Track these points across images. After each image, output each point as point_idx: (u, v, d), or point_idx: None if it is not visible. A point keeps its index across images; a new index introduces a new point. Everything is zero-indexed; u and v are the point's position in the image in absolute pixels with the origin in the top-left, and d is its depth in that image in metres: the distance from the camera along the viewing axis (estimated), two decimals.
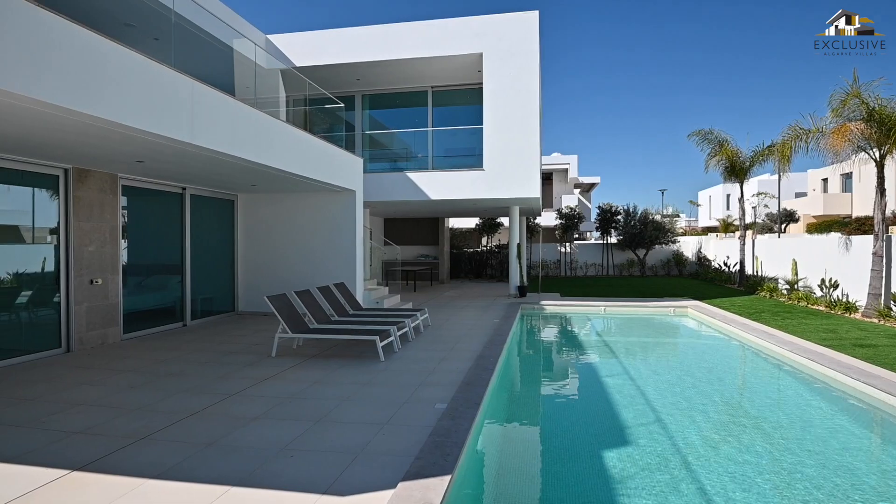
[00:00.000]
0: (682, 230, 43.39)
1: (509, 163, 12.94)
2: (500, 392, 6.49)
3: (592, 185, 36.60)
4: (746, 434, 5.10)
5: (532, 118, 12.81)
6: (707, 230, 37.50)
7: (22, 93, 4.06)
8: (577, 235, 35.08)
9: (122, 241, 8.61)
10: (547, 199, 31.55)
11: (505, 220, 23.92)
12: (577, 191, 40.03)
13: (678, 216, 60.24)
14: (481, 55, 13.07)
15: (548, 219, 26.68)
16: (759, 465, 4.34)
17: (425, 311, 9.95)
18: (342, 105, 12.69)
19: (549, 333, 11.86)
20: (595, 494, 3.87)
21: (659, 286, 17.91)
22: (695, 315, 12.13)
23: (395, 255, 21.54)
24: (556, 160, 30.15)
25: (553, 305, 13.46)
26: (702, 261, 20.75)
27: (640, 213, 22.59)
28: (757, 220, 31.48)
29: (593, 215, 26.63)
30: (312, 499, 3.18)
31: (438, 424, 4.44)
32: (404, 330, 8.48)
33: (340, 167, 10.57)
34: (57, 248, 7.54)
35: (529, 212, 18.88)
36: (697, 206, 30.48)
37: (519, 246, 15.76)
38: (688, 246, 23.41)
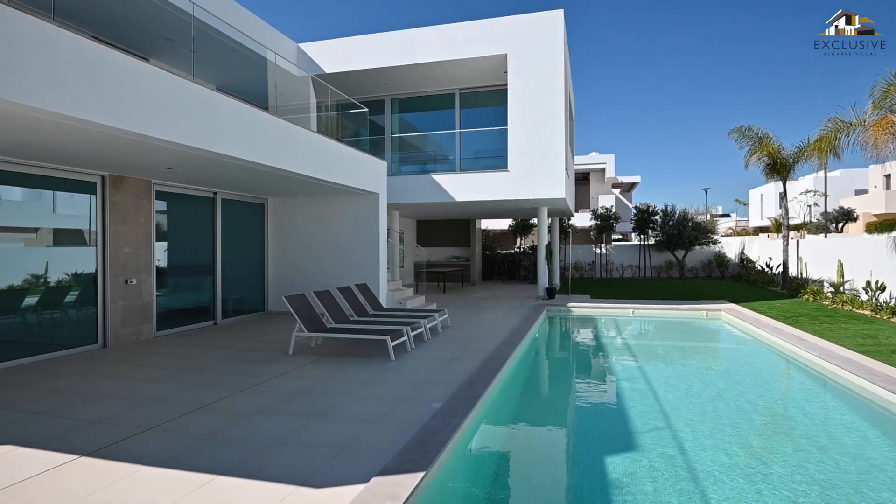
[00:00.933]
0: (730, 230, 41.69)
1: (534, 163, 12.85)
2: (506, 393, 6.48)
3: (633, 185, 35.70)
4: (745, 440, 4.91)
5: (557, 118, 12.68)
6: (759, 230, 35.84)
7: (43, 107, 4.42)
8: (620, 237, 34.32)
9: (156, 243, 9.12)
10: (583, 200, 31.05)
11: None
12: (617, 191, 39.15)
13: (729, 216, 57.90)
14: (506, 56, 13.06)
15: (584, 219, 26.25)
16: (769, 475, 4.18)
17: (445, 311, 10.02)
18: (366, 110, 12.93)
19: (570, 336, 11.69)
20: None
21: (697, 288, 17.31)
22: (728, 318, 11.68)
23: (426, 257, 21.74)
24: (593, 160, 29.62)
25: (580, 307, 13.26)
26: (744, 262, 19.89)
27: (678, 212, 21.87)
28: (811, 219, 29.87)
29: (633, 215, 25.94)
30: (288, 490, 3.32)
31: (429, 423, 4.50)
32: (419, 330, 8.58)
33: (363, 170, 10.80)
34: (95, 250, 8.07)
35: (560, 213, 18.64)
36: (744, 204, 29.18)
37: (548, 247, 15.60)
38: (730, 247, 22.49)
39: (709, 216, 21.79)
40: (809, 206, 30.36)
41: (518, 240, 24.22)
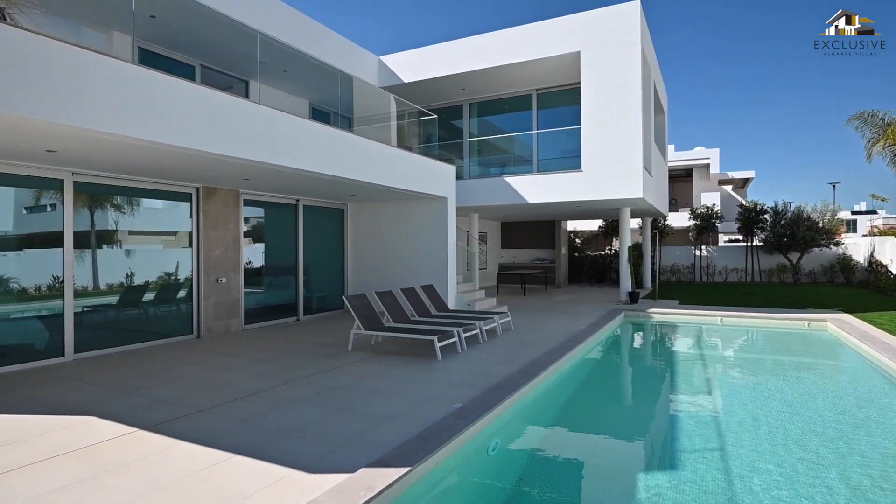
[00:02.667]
0: (875, 229, 36.07)
1: (609, 163, 12.37)
2: (547, 398, 6.40)
3: (746, 181, 32.54)
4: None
5: (633, 114, 12.09)
6: None
7: (132, 135, 5.25)
8: (728, 239, 31.48)
9: (244, 247, 10.19)
10: (686, 198, 28.95)
11: (634, 222, 22.57)
12: (728, 187, 35.99)
13: (875, 212, 50.21)
14: (579, 53, 12.71)
15: (684, 219, 24.51)
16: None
17: (507, 314, 10.04)
18: (434, 117, 13.28)
19: (636, 343, 11.04)
20: None
21: (809, 295, 15.44)
22: (834, 330, 10.33)
23: (511, 259, 21.69)
24: (696, 154, 27.46)
25: (661, 313, 12.49)
26: (874, 266, 17.30)
27: (790, 210, 19.59)
28: None
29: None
30: (284, 472, 3.66)
31: (440, 422, 4.65)
32: (473, 332, 8.70)
33: (430, 176, 11.15)
34: (191, 252, 9.25)
35: (646, 213, 17.64)
36: (882, 200, 25.32)
37: (630, 249, 14.89)
38: (858, 249, 19.67)
39: (829, 214, 19.23)
40: None
41: (612, 241, 23.25)
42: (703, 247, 21.79)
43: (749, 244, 21.02)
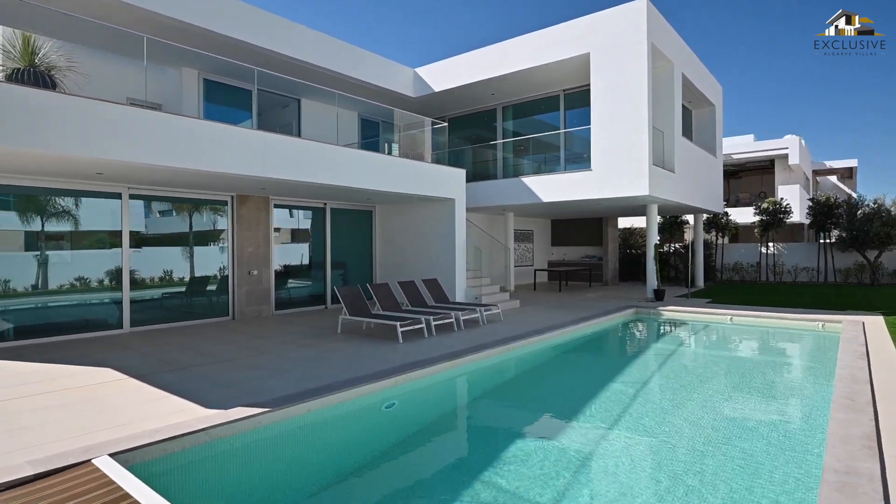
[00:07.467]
0: None
1: (615, 161, 12.62)
2: (460, 382, 7.31)
3: (848, 171, 29.25)
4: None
5: (639, 112, 12.23)
6: None
7: (184, 167, 7.10)
8: (829, 241, 28.45)
9: (274, 244, 12.08)
10: (769, 191, 26.85)
11: (690, 218, 21.77)
12: (833, 177, 32.57)
13: None
14: (589, 55, 13.04)
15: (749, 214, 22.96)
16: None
17: (496, 307, 10.87)
18: (445, 124, 14.33)
19: (616, 339, 11.05)
20: None
21: (873, 298, 14.19)
22: (850, 331, 9.78)
23: (560, 256, 21.96)
24: (772, 145, 25.29)
25: (674, 311, 12.45)
26: None
27: (867, 203, 17.73)
28: None
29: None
30: (191, 406, 5.09)
31: (328, 385, 5.85)
32: (447, 321, 9.70)
33: (438, 180, 12.21)
34: (227, 249, 11.28)
35: (682, 210, 17.16)
36: None
37: (656, 246, 14.79)
38: None
39: None
40: None
41: (671, 237, 22.53)
42: (771, 244, 20.41)
43: (820, 241, 19.34)
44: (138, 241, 9.97)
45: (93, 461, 3.69)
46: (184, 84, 11.99)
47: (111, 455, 3.79)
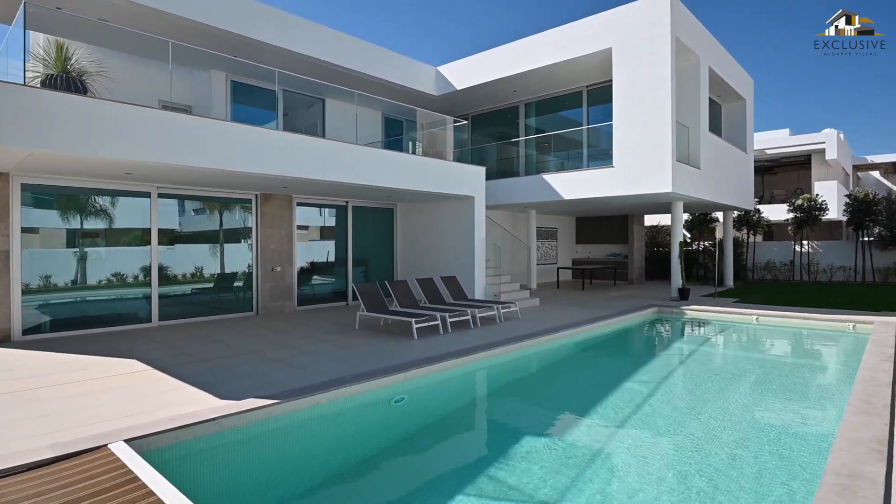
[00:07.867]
0: None
1: (638, 157, 12.43)
2: (471, 377, 7.36)
3: (895, 165, 27.93)
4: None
5: (662, 108, 12.01)
6: None
7: (208, 166, 7.40)
8: (869, 239, 27.27)
9: (297, 241, 12.36)
10: (806, 187, 25.90)
11: (719, 215, 21.22)
12: (876, 172, 31.22)
13: None
14: (611, 50, 12.87)
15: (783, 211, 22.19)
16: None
17: (514, 305, 10.88)
18: (467, 122, 14.34)
19: (635, 339, 10.89)
20: None
21: None
22: (881, 333, 9.41)
23: (585, 254, 21.72)
24: (809, 139, 24.32)
25: (698, 310, 12.20)
26: None
27: None
28: None
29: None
30: (206, 397, 5.30)
31: (338, 378, 5.99)
32: (464, 318, 9.76)
33: (458, 179, 12.26)
34: (251, 246, 11.61)
35: (708, 207, 16.74)
36: None
37: (681, 244, 14.50)
38: None
39: None
40: None
41: (700, 235, 22.01)
42: (805, 242, 19.71)
43: (859, 239, 18.57)
44: (171, 238, 10.38)
45: (108, 446, 3.90)
46: (212, 86, 12.38)
47: (126, 441, 4.01)
